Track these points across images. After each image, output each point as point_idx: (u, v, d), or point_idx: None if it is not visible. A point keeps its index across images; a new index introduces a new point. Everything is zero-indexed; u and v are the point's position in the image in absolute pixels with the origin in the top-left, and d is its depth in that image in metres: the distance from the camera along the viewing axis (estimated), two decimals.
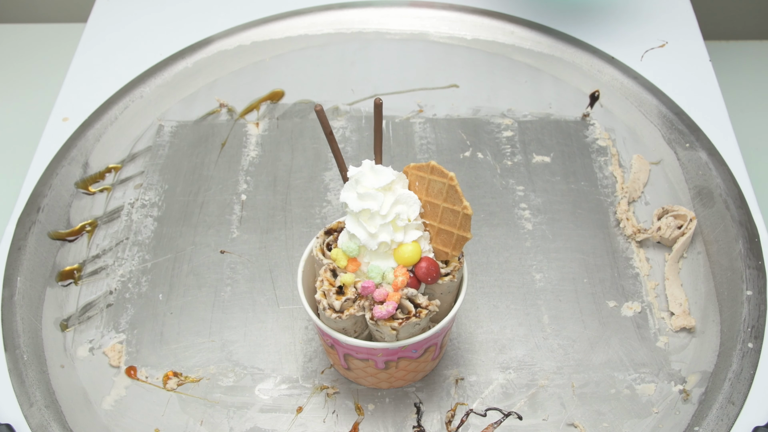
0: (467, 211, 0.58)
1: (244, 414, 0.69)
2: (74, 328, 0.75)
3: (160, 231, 0.83)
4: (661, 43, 0.98)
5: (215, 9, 1.03)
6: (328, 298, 0.61)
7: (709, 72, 0.94)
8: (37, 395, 0.69)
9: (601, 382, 0.71)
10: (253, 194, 0.86)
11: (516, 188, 0.86)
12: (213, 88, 0.96)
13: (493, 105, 0.94)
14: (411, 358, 0.65)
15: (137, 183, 0.87)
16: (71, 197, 0.84)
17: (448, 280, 0.61)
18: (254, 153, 0.90)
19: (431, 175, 0.60)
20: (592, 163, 0.88)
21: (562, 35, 0.97)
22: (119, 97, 0.92)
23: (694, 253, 0.79)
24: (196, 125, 0.93)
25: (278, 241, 0.81)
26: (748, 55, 1.20)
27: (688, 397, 0.69)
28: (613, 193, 0.85)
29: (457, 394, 0.70)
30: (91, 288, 0.78)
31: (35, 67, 1.19)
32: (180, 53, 0.97)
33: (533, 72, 0.97)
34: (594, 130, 0.91)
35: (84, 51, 0.99)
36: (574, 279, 0.78)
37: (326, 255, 0.63)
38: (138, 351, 0.74)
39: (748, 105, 1.10)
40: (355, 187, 0.60)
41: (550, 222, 0.83)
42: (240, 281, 0.78)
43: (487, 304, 0.76)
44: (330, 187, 0.86)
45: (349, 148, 0.90)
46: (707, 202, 0.81)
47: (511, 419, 0.69)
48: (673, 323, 0.74)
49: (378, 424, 0.69)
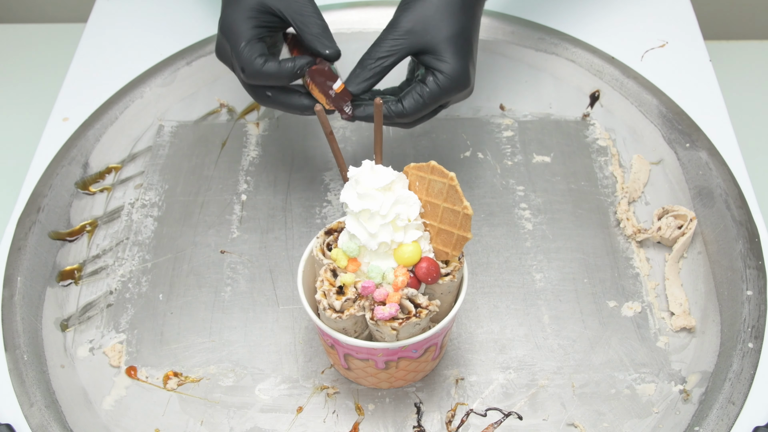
0: (467, 211, 0.58)
1: (244, 414, 0.69)
2: (74, 328, 0.75)
3: (160, 231, 0.83)
4: (661, 43, 0.98)
5: (215, 9, 1.03)
6: (328, 298, 0.61)
7: (709, 72, 0.94)
8: (37, 395, 0.69)
9: (602, 382, 0.71)
10: (253, 194, 0.86)
11: (516, 188, 0.86)
12: (213, 88, 0.96)
13: (493, 105, 0.94)
14: (411, 358, 0.65)
15: (137, 183, 0.87)
16: (71, 197, 0.84)
17: (449, 280, 0.61)
18: (254, 153, 0.90)
19: (431, 175, 0.60)
20: (592, 163, 0.88)
21: (562, 35, 0.97)
22: (119, 97, 0.92)
23: (695, 253, 0.79)
24: (196, 125, 0.93)
25: (278, 241, 0.81)
26: (748, 55, 1.20)
27: (688, 397, 0.69)
28: (613, 193, 0.85)
29: (457, 394, 0.70)
30: (92, 288, 0.78)
31: (35, 67, 1.19)
32: (180, 53, 0.97)
33: (533, 72, 0.97)
34: (594, 130, 0.91)
35: (84, 51, 0.99)
36: (574, 279, 0.78)
37: (326, 255, 0.63)
38: (138, 351, 0.74)
39: (748, 105, 1.10)
40: (355, 187, 0.60)
41: (550, 222, 0.83)
42: (240, 281, 0.78)
43: (487, 304, 0.76)
44: (330, 187, 0.86)
45: (349, 148, 0.90)
46: (707, 202, 0.81)
47: (511, 419, 0.69)
48: (674, 323, 0.74)
49: (378, 424, 0.69)
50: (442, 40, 0.70)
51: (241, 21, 0.70)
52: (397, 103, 0.71)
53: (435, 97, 0.70)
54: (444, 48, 0.70)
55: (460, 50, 0.70)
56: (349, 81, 0.72)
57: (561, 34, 0.98)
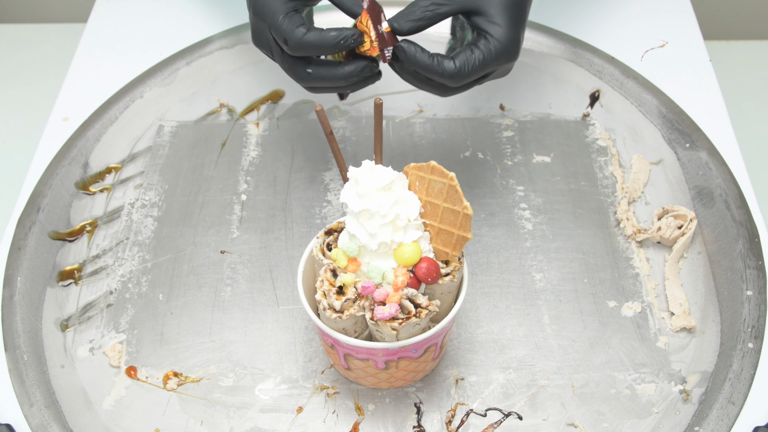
0: (467, 211, 0.58)
1: (244, 414, 0.69)
2: (74, 328, 0.75)
3: (160, 231, 0.83)
4: (661, 43, 0.98)
5: (215, 9, 1.03)
6: (328, 298, 0.61)
7: (709, 72, 0.94)
8: (37, 395, 0.69)
9: (601, 382, 0.71)
10: (253, 194, 0.86)
11: (516, 188, 0.86)
12: (213, 88, 0.96)
13: (493, 105, 0.94)
14: (411, 358, 0.65)
15: (137, 183, 0.87)
16: (71, 197, 0.84)
17: (449, 280, 0.61)
18: (254, 153, 0.90)
19: (431, 175, 0.60)
20: (592, 163, 0.88)
21: (562, 35, 0.97)
22: (119, 97, 0.92)
23: (694, 253, 0.79)
24: (196, 125, 0.93)
25: (278, 241, 0.81)
26: (748, 55, 1.20)
27: (688, 397, 0.69)
28: (613, 193, 0.85)
29: (457, 394, 0.70)
30: (91, 288, 0.78)
31: (35, 67, 1.19)
32: (180, 53, 0.97)
33: (533, 72, 0.97)
34: (594, 130, 0.91)
35: (84, 51, 0.99)
36: (574, 279, 0.78)
37: (326, 255, 0.63)
38: (138, 351, 0.74)
39: (748, 105, 1.10)
40: (355, 187, 0.60)
41: (550, 222, 0.83)
42: (240, 281, 0.78)
43: (487, 304, 0.76)
44: (330, 187, 0.86)
45: (349, 148, 0.90)
46: (707, 202, 0.81)
47: (511, 419, 0.69)
48: (673, 323, 0.74)
49: (378, 424, 0.69)
50: (498, 4, 0.68)
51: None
52: (450, 61, 0.67)
53: (486, 63, 0.68)
54: (499, 12, 0.68)
55: (514, 18, 0.69)
56: (397, 17, 0.69)
57: (561, 34, 0.98)
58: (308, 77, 0.70)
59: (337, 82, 0.70)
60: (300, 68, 0.70)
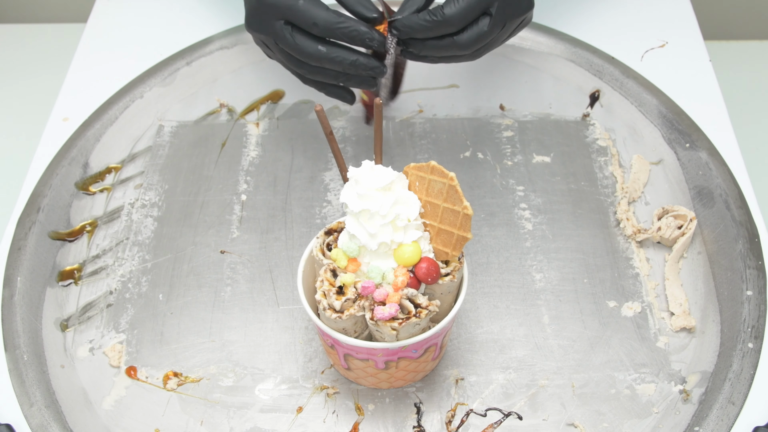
0: (467, 212, 0.58)
1: (244, 414, 0.69)
2: (74, 328, 0.75)
3: (160, 231, 0.83)
4: (661, 43, 0.98)
5: (215, 9, 1.03)
6: (328, 298, 0.61)
7: (709, 72, 0.94)
8: (37, 395, 0.69)
9: (601, 382, 0.71)
10: (253, 194, 0.86)
11: (516, 188, 0.86)
12: (213, 88, 0.96)
13: (493, 105, 0.94)
14: (411, 358, 0.65)
15: (137, 183, 0.87)
16: (71, 197, 0.84)
17: (448, 280, 0.61)
18: (254, 153, 0.90)
19: (431, 175, 0.60)
20: (592, 163, 0.88)
21: (562, 35, 0.97)
22: (119, 97, 0.92)
23: (694, 253, 0.79)
24: (196, 125, 0.93)
25: (278, 241, 0.81)
26: (748, 55, 1.20)
27: (688, 397, 0.69)
28: (613, 193, 0.85)
29: (457, 394, 0.70)
30: (91, 288, 0.78)
31: (35, 67, 1.19)
32: (180, 53, 0.97)
33: (533, 72, 0.97)
34: (594, 130, 0.91)
35: (84, 51, 0.99)
36: (574, 279, 0.78)
37: (326, 255, 0.63)
38: (138, 351, 0.74)
39: (748, 105, 1.10)
40: (355, 187, 0.60)
41: (550, 222, 0.83)
42: (240, 281, 0.78)
43: (487, 304, 0.76)
44: (330, 187, 0.86)
45: (349, 148, 0.90)
46: (707, 202, 0.81)
47: (511, 419, 0.69)
48: (673, 323, 0.74)
49: (378, 424, 0.69)
50: None
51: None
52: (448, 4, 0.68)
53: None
54: None
55: None
56: (399, 13, 0.71)
57: (561, 34, 0.98)
58: (317, 54, 0.70)
59: (342, 66, 0.70)
60: (311, 46, 0.70)
